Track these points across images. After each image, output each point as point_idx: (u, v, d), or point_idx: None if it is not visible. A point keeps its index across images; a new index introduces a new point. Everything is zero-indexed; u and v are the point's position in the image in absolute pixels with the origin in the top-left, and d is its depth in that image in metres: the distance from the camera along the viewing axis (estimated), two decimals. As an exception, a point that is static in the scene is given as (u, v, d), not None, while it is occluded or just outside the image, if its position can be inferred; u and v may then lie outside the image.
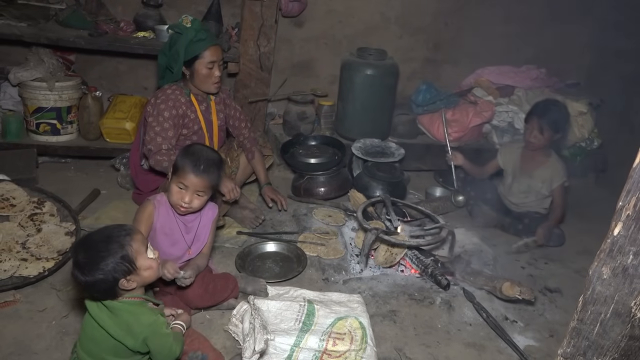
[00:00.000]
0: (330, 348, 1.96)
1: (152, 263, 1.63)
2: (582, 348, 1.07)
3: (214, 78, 2.68)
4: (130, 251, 1.56)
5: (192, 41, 2.58)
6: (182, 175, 1.98)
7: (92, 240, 1.58)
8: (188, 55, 2.60)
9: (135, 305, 1.62)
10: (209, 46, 2.62)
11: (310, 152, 3.57)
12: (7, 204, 2.63)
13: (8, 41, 3.33)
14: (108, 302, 1.58)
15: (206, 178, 2.00)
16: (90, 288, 1.55)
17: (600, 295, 1.00)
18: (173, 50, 2.62)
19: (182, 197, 1.99)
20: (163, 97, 2.62)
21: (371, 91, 3.73)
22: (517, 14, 4.38)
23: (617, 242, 0.95)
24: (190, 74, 2.67)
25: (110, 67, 4.01)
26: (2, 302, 2.17)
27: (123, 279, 1.55)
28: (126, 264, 1.54)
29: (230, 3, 3.93)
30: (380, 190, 3.28)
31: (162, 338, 1.60)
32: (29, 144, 3.34)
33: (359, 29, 4.28)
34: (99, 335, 1.58)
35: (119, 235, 1.57)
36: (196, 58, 2.61)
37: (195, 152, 2.02)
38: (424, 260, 2.67)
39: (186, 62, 2.63)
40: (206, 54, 2.62)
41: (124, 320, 1.57)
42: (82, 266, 1.53)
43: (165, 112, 2.59)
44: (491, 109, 3.99)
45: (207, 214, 2.16)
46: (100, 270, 1.51)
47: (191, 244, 2.14)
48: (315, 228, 3.00)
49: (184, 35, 2.59)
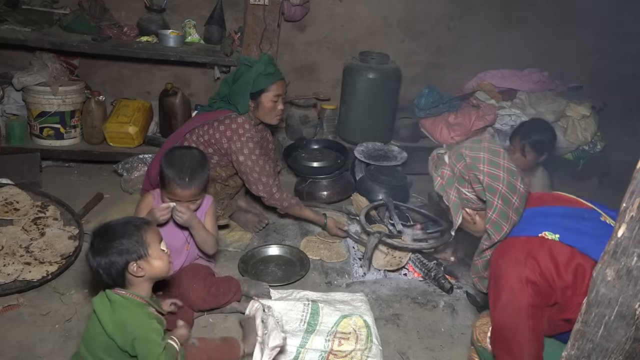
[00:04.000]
0: (336, 348, 1.96)
1: (163, 255, 1.66)
2: (586, 350, 1.07)
3: (277, 111, 2.74)
4: (145, 236, 1.61)
5: (260, 74, 2.63)
6: (170, 190, 2.02)
7: (110, 223, 1.65)
8: (256, 88, 2.64)
9: (135, 304, 1.62)
10: (277, 80, 2.68)
11: (312, 155, 3.57)
12: (11, 208, 2.64)
13: (12, 46, 3.35)
14: (112, 295, 1.59)
15: (194, 187, 2.03)
16: (102, 271, 1.58)
17: (605, 297, 1.00)
18: (240, 82, 2.66)
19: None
20: (248, 135, 2.64)
21: (373, 95, 3.73)
22: (519, 17, 4.38)
23: (621, 244, 0.94)
24: (255, 105, 2.71)
25: (114, 71, 4.03)
26: (6, 305, 2.17)
27: (134, 263, 1.58)
28: (139, 247, 1.58)
29: (233, 7, 3.95)
30: (382, 194, 3.28)
31: (150, 344, 1.55)
32: (32, 148, 3.35)
33: (362, 33, 4.29)
34: (97, 332, 1.60)
35: (137, 221, 1.65)
36: (262, 91, 2.66)
37: (176, 161, 2.03)
38: (427, 263, 2.67)
39: (252, 94, 2.67)
40: (273, 88, 2.67)
41: (120, 316, 1.58)
42: (96, 248, 1.58)
43: (256, 150, 2.66)
44: (494, 113, 3.98)
45: (202, 205, 2.19)
46: (113, 248, 1.56)
47: (188, 237, 2.17)
48: (319, 232, 3.00)
49: (253, 69, 2.64)
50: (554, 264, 1.43)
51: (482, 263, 1.67)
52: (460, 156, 1.57)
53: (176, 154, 2.08)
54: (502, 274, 1.47)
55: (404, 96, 4.16)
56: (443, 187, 1.58)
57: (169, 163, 2.02)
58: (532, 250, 1.45)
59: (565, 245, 1.43)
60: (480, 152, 1.55)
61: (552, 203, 1.62)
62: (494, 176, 1.50)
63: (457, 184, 1.57)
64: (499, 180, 1.50)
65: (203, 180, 2.07)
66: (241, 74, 2.68)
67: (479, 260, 1.68)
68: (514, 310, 1.45)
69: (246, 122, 2.66)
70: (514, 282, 1.44)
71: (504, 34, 4.35)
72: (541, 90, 4.21)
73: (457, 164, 1.57)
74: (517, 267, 1.44)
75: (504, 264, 1.48)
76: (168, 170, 2.00)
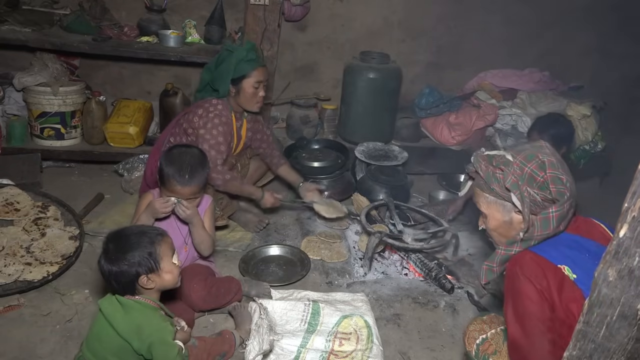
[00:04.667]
0: (336, 348, 1.96)
1: (174, 269, 1.66)
2: (588, 351, 1.07)
3: (259, 98, 2.73)
4: (158, 250, 1.61)
5: (242, 60, 2.63)
6: (170, 188, 2.01)
7: (125, 232, 1.64)
8: (237, 74, 2.64)
9: (149, 308, 1.63)
10: (258, 67, 2.67)
11: (313, 155, 3.57)
12: (12, 208, 2.64)
13: (13, 46, 3.35)
14: (124, 300, 1.59)
15: (194, 185, 2.03)
16: (112, 279, 1.58)
17: (606, 297, 0.99)
18: (221, 68, 2.66)
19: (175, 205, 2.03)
20: (216, 112, 2.65)
21: (374, 95, 3.73)
22: (520, 17, 4.37)
23: (623, 244, 0.94)
24: (236, 91, 2.70)
25: (114, 71, 4.03)
26: (7, 306, 2.17)
27: (144, 276, 1.58)
28: (152, 260, 1.59)
29: (234, 8, 3.95)
30: (383, 194, 3.28)
31: (167, 347, 1.59)
32: (33, 149, 3.35)
33: (362, 33, 4.29)
34: (105, 335, 1.59)
35: (152, 234, 1.64)
36: (244, 77, 2.66)
37: (175, 159, 2.03)
38: (428, 263, 2.67)
39: (233, 80, 2.66)
40: (254, 74, 2.66)
41: (135, 319, 1.57)
42: (109, 255, 1.58)
43: (219, 127, 2.63)
44: (494, 112, 3.98)
45: (200, 205, 2.18)
46: (126, 260, 1.56)
47: (186, 237, 2.18)
48: (320, 232, 2.99)
49: (235, 54, 2.64)
50: (558, 297, 1.40)
51: (498, 270, 1.64)
52: (531, 156, 1.53)
53: (176, 152, 2.08)
54: (522, 286, 1.44)
55: (404, 96, 4.16)
56: (517, 185, 1.53)
57: (168, 161, 2.02)
58: (547, 274, 1.43)
59: (577, 288, 1.41)
60: (552, 157, 1.53)
61: (586, 234, 1.57)
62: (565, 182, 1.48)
63: (527, 184, 1.54)
64: (566, 189, 1.47)
65: (202, 178, 2.07)
66: (223, 59, 2.68)
67: (497, 268, 1.64)
68: (533, 321, 1.42)
69: (220, 104, 2.67)
70: (533, 295, 1.41)
71: (505, 33, 4.35)
72: (542, 90, 4.21)
73: (527, 163, 1.53)
74: (536, 280, 1.42)
75: (523, 276, 1.44)
76: (168, 168, 2.00)
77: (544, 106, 4.00)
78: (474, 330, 1.74)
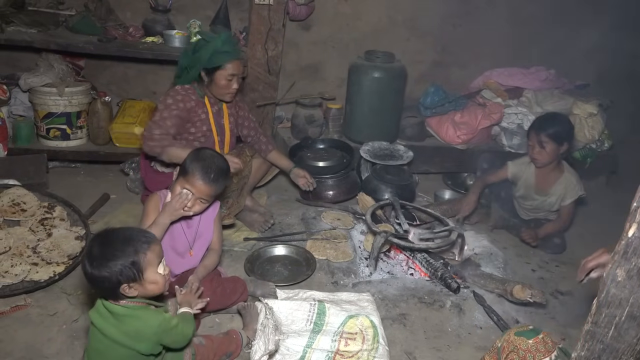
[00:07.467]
0: (342, 348, 1.96)
1: (159, 279, 1.58)
2: (596, 351, 1.06)
3: (231, 89, 2.72)
4: (142, 259, 1.53)
5: (217, 51, 2.61)
6: (191, 180, 1.98)
7: (111, 236, 1.55)
8: (210, 64, 2.63)
9: (141, 309, 1.58)
10: (232, 60, 2.65)
11: (318, 155, 3.56)
12: (18, 208, 2.65)
13: (18, 47, 3.37)
14: (112, 307, 1.54)
15: (214, 187, 2.01)
16: (93, 282, 1.53)
17: (615, 297, 0.99)
18: (197, 55, 2.65)
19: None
20: (172, 93, 2.66)
21: (379, 94, 3.72)
22: (526, 15, 4.36)
23: (632, 244, 0.93)
24: (209, 80, 2.70)
25: (119, 72, 4.04)
26: (14, 306, 2.18)
27: (125, 285, 1.52)
28: (134, 270, 1.51)
29: (238, 7, 3.95)
30: (388, 193, 3.27)
31: (174, 331, 1.60)
32: (39, 149, 3.36)
33: (367, 31, 4.28)
34: (104, 347, 1.56)
35: (138, 241, 1.55)
36: (218, 68, 2.64)
37: (207, 158, 2.02)
38: (434, 263, 2.66)
39: (207, 70, 2.66)
40: (228, 67, 2.65)
41: (131, 326, 1.54)
42: (92, 258, 1.51)
43: (172, 106, 2.62)
44: (500, 111, 3.96)
45: (208, 210, 2.16)
46: (107, 268, 1.49)
47: (192, 242, 2.15)
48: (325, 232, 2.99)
49: (210, 44, 2.62)
50: None
51: None
52: None
53: (208, 152, 2.06)
54: None
55: (409, 95, 4.15)
56: None
57: (200, 157, 2.01)
58: None
59: None
60: None
61: None
62: None
63: None
64: None
65: (222, 186, 2.06)
66: (199, 48, 2.67)
67: None
68: None
69: (182, 88, 2.67)
70: None
71: (510, 31, 4.33)
72: (548, 89, 4.19)
73: None
74: None
75: None
76: (197, 163, 1.98)
77: (550, 105, 3.98)
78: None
